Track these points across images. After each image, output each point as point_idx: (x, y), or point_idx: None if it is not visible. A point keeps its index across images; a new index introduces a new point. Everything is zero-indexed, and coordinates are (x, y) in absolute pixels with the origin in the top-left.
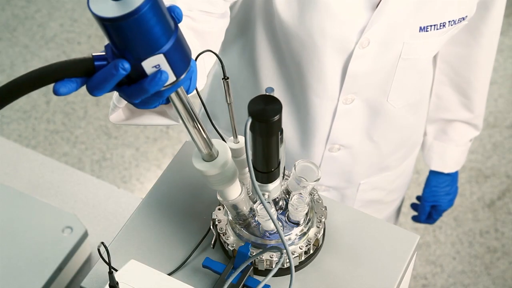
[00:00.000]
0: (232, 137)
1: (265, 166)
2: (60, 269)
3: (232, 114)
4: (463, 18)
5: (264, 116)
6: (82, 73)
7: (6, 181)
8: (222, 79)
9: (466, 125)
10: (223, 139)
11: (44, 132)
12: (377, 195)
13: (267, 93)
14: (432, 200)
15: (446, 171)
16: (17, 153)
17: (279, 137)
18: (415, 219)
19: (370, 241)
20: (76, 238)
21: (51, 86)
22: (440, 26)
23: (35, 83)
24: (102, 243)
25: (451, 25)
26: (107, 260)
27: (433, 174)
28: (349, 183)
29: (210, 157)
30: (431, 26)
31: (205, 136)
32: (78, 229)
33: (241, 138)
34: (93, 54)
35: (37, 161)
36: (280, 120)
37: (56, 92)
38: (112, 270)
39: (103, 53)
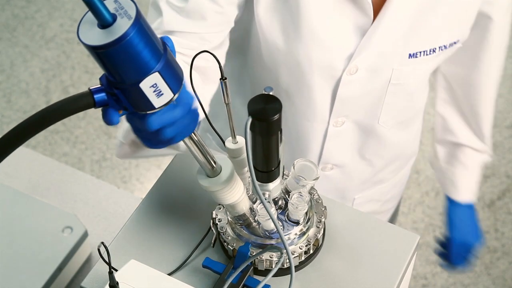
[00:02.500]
0: (230, 137)
1: (265, 165)
2: (60, 269)
3: (230, 114)
4: (455, 42)
5: (264, 115)
6: (83, 109)
7: (6, 181)
8: (220, 79)
9: (473, 150)
10: (222, 140)
11: (44, 132)
12: (373, 207)
13: (266, 92)
14: (458, 235)
15: (459, 198)
16: (17, 153)
17: (279, 136)
18: (447, 267)
19: (370, 241)
20: (76, 238)
21: (51, 85)
22: (430, 51)
23: (38, 127)
24: (102, 243)
25: (442, 50)
26: (107, 260)
27: (450, 203)
28: (343, 199)
29: (214, 173)
30: (420, 52)
31: (207, 156)
32: (78, 229)
33: (239, 138)
34: (90, 88)
35: (37, 161)
36: (280, 119)
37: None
38: (112, 270)
39: (100, 86)
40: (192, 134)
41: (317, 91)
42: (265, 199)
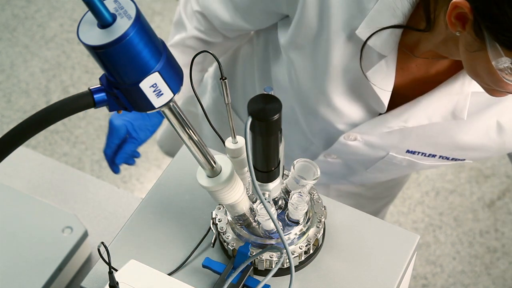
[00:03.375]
0: (230, 137)
1: (265, 165)
2: (60, 269)
3: (231, 114)
4: (461, 160)
5: (264, 115)
6: (83, 109)
7: (6, 181)
8: (220, 79)
9: None
10: (222, 140)
11: (44, 132)
12: (354, 189)
13: (266, 92)
14: None
15: None
16: (17, 153)
17: (279, 136)
18: None
19: (370, 241)
20: (76, 238)
21: (51, 85)
22: (430, 156)
23: (38, 127)
24: (102, 243)
25: (443, 159)
26: (107, 260)
27: None
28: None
29: (214, 173)
30: (419, 152)
31: (207, 156)
32: (78, 229)
33: (239, 138)
34: (90, 88)
35: (37, 161)
36: (280, 119)
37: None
38: (112, 270)
39: (100, 86)
40: (192, 132)
41: (314, 138)
42: (265, 199)
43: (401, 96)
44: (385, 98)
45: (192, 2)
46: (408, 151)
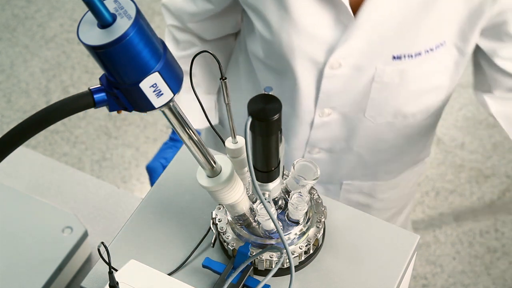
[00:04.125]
0: (230, 137)
1: (265, 165)
2: (60, 269)
3: (231, 114)
4: (442, 44)
5: (264, 115)
6: (83, 109)
7: (6, 181)
8: (220, 79)
9: None
10: (222, 140)
11: (44, 132)
12: (364, 200)
13: (266, 92)
14: None
15: None
16: (17, 153)
17: (279, 136)
18: None
19: (370, 241)
20: (76, 238)
21: (51, 85)
22: (415, 55)
23: (38, 127)
24: (102, 243)
25: (428, 52)
26: (107, 260)
27: None
28: (330, 183)
29: (214, 173)
30: (405, 55)
31: (207, 156)
32: (78, 229)
33: (239, 138)
34: (90, 88)
35: (37, 161)
36: (280, 119)
37: None
38: (112, 270)
39: (100, 86)
40: (192, 132)
41: (302, 81)
42: (265, 199)
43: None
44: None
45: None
46: (394, 57)
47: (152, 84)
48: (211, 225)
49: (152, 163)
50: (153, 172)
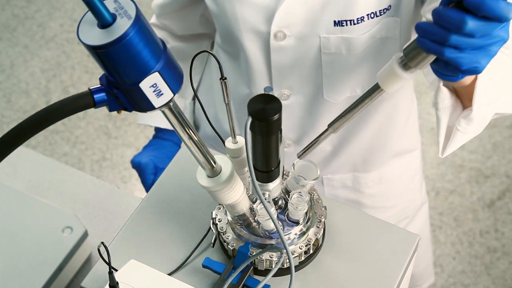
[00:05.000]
0: (230, 137)
1: (265, 165)
2: (60, 269)
3: (231, 114)
4: (387, 9)
5: (264, 115)
6: (83, 109)
7: (6, 181)
8: (220, 79)
9: None
10: (222, 140)
11: (44, 132)
12: (351, 195)
13: (266, 92)
14: None
15: None
16: (17, 153)
17: (279, 136)
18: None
19: (370, 241)
20: (76, 238)
21: (51, 85)
22: (358, 20)
23: (38, 127)
24: (102, 243)
25: (372, 18)
26: (107, 260)
27: None
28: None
29: (214, 173)
30: (347, 21)
31: (207, 156)
32: (78, 229)
33: (239, 138)
34: (90, 88)
35: (37, 161)
36: (280, 119)
37: None
38: (112, 270)
39: (100, 86)
40: (192, 132)
41: (252, 56)
42: (265, 199)
43: None
44: None
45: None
46: (335, 23)
47: (152, 84)
48: (211, 225)
49: (142, 158)
50: (145, 168)
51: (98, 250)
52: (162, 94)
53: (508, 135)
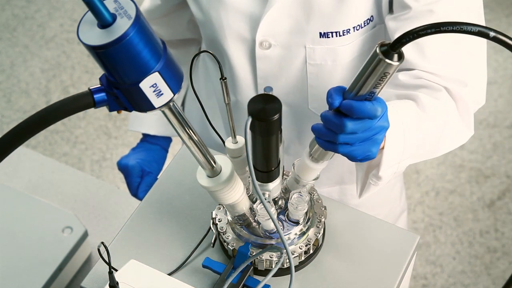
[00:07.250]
0: (230, 137)
1: (265, 165)
2: (60, 269)
3: (231, 114)
4: (370, 20)
5: (264, 115)
6: (83, 108)
7: (6, 181)
8: (220, 79)
9: None
10: (223, 140)
11: (44, 132)
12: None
13: (266, 92)
14: None
15: None
16: (17, 153)
17: (279, 136)
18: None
19: (370, 241)
20: (76, 238)
21: (51, 85)
22: (344, 32)
23: (38, 127)
24: (102, 243)
25: (357, 30)
26: (107, 260)
27: None
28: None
29: (214, 173)
30: (332, 32)
31: (207, 156)
32: (78, 229)
33: (239, 138)
34: (90, 88)
35: (37, 161)
36: (280, 119)
37: None
38: (112, 270)
39: (100, 86)
40: (192, 132)
41: (237, 64)
42: (265, 199)
43: None
44: None
45: None
46: (321, 35)
47: (152, 84)
48: (211, 225)
49: (129, 160)
50: (131, 170)
51: (98, 250)
52: (162, 94)
53: (508, 135)
